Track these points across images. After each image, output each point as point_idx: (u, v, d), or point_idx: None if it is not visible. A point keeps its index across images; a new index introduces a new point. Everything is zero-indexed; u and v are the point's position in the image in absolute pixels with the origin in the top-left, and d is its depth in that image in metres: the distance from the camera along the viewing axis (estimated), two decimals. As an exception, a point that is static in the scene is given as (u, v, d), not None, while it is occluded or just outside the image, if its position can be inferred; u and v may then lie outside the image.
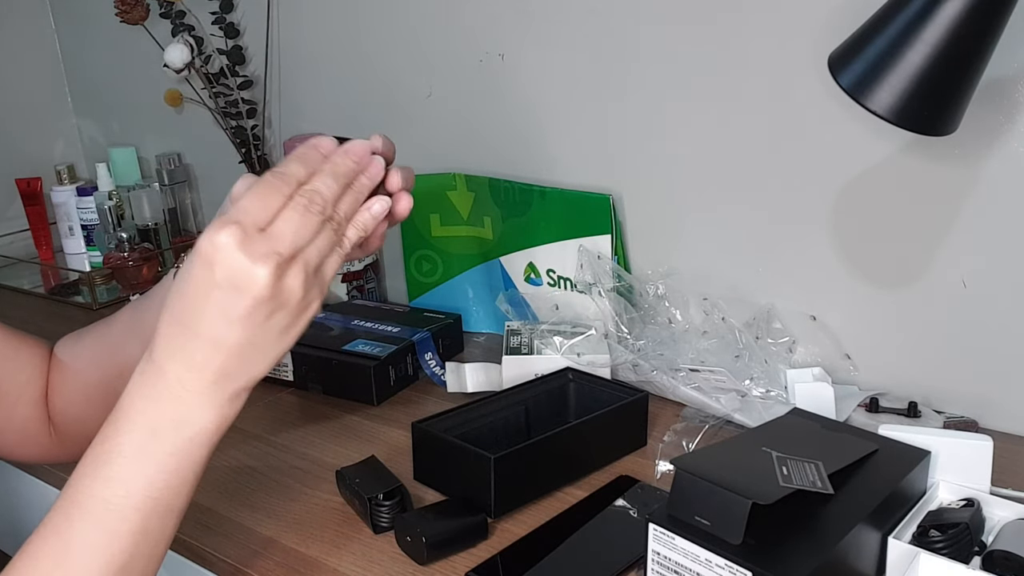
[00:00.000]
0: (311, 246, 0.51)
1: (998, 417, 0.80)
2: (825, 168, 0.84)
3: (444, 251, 1.14)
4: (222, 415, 0.52)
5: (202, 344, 0.50)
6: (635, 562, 0.63)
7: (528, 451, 0.71)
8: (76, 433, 0.70)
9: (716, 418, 0.82)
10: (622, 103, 0.96)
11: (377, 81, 1.18)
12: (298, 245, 0.50)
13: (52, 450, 0.71)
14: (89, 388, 0.69)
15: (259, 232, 0.49)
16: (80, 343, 0.71)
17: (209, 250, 0.48)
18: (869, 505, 0.56)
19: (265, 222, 0.50)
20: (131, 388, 0.52)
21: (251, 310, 0.49)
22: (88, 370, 0.69)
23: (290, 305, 0.50)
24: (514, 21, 1.02)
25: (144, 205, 1.41)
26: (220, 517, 0.75)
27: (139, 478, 0.50)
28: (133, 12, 1.33)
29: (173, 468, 0.51)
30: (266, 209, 0.50)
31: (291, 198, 0.51)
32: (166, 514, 0.52)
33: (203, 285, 0.49)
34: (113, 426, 0.51)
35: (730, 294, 0.92)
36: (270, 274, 0.48)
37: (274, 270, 0.48)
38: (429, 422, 0.77)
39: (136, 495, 0.50)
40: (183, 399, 0.51)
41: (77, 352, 0.71)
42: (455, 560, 0.66)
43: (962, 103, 0.61)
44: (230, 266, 0.48)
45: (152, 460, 0.50)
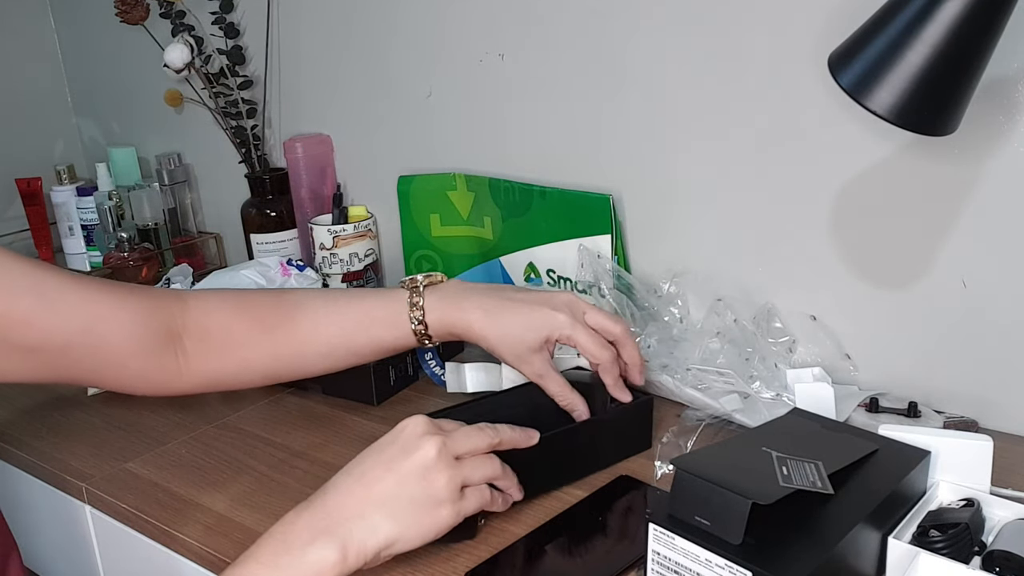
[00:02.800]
0: (475, 466, 0.63)
1: (998, 417, 0.80)
2: (825, 168, 0.84)
3: (444, 251, 1.14)
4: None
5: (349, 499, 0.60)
6: (635, 562, 0.63)
7: (524, 453, 0.71)
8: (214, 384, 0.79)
9: (715, 418, 0.82)
10: (622, 103, 0.96)
11: (377, 81, 1.18)
12: (463, 450, 0.63)
13: (173, 391, 0.77)
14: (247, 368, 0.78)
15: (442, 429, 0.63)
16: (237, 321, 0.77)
17: (403, 422, 0.63)
18: (869, 505, 0.56)
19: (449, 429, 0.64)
20: None
21: (407, 465, 0.60)
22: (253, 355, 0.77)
23: (435, 486, 0.60)
24: (514, 21, 1.02)
25: (144, 205, 1.41)
26: (220, 517, 0.75)
27: None
28: (133, 12, 1.33)
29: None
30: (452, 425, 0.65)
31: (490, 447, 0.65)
32: None
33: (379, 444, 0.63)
34: None
35: (731, 293, 0.92)
36: (434, 448, 0.60)
37: (438, 448, 0.60)
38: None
39: None
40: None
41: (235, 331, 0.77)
42: (455, 560, 0.66)
43: (962, 103, 0.61)
44: (410, 432, 0.62)
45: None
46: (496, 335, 0.75)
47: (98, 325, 0.70)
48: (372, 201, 1.24)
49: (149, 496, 0.79)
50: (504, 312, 0.75)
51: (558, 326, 0.74)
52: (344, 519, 0.57)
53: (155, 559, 0.78)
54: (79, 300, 0.69)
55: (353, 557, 0.56)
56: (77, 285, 0.70)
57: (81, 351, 0.70)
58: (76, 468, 0.85)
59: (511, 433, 0.67)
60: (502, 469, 0.65)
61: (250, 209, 1.30)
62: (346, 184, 1.28)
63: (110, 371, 0.73)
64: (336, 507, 0.58)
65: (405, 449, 0.60)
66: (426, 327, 0.77)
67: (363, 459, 0.61)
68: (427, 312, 0.76)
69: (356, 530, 0.57)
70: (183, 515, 0.76)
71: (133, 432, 0.91)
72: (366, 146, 1.24)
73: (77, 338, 0.69)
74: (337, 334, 0.78)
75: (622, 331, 0.77)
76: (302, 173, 1.25)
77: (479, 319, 0.76)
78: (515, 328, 0.75)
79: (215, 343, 0.76)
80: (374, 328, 0.78)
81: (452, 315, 0.76)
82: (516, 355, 0.76)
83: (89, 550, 0.88)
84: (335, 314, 0.78)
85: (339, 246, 1.17)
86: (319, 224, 1.18)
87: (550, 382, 0.76)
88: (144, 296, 0.74)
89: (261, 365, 0.78)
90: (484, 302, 0.76)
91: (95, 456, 0.87)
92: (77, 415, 0.96)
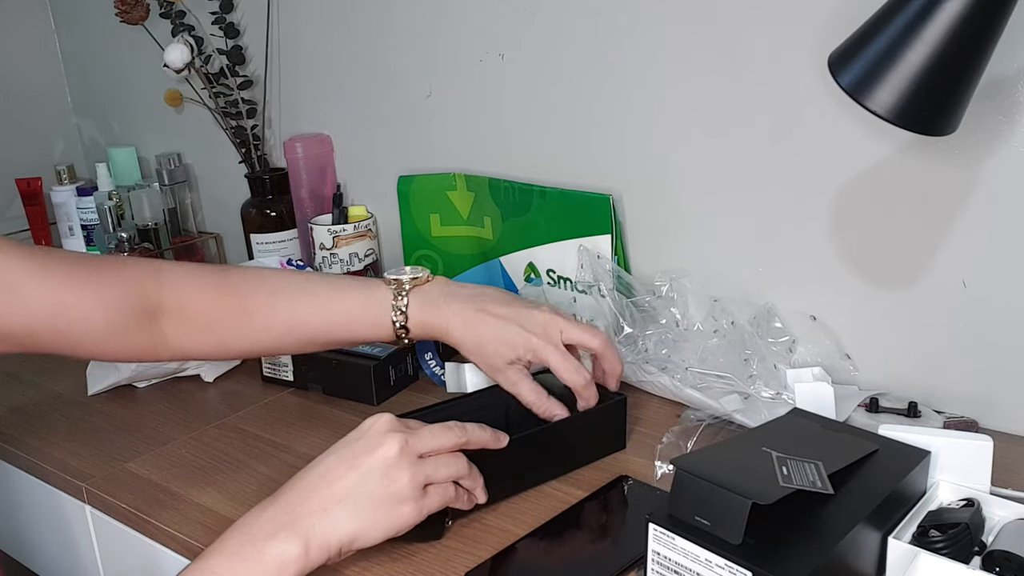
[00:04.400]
0: (439, 464, 0.64)
1: (998, 417, 0.80)
2: (825, 168, 0.84)
3: (444, 251, 1.14)
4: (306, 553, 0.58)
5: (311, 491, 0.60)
6: (635, 562, 0.63)
7: (494, 455, 0.70)
8: (191, 356, 0.79)
9: (715, 418, 0.82)
10: (622, 103, 0.96)
11: (377, 81, 1.18)
12: (427, 448, 0.63)
13: (153, 358, 0.79)
14: (222, 344, 0.79)
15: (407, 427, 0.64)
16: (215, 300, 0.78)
17: (368, 420, 0.64)
18: (869, 505, 0.56)
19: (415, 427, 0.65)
20: None
21: (369, 462, 0.61)
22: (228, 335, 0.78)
23: (397, 483, 0.61)
24: (514, 21, 1.02)
25: (144, 205, 1.41)
26: (221, 517, 0.75)
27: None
28: (133, 12, 1.33)
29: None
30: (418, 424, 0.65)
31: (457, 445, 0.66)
32: None
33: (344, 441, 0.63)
34: None
35: (731, 294, 0.92)
36: (396, 445, 0.61)
37: (400, 446, 0.61)
38: None
39: None
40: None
41: (213, 312, 0.77)
42: (455, 560, 0.66)
43: (962, 103, 0.60)
44: (374, 430, 0.63)
45: None
46: (471, 344, 0.77)
47: (64, 312, 0.70)
48: (372, 201, 1.24)
49: (149, 496, 0.79)
50: (480, 324, 0.77)
51: (531, 347, 0.76)
52: (306, 514, 0.58)
53: (155, 559, 0.78)
54: (42, 289, 0.69)
55: (315, 552, 0.57)
56: (41, 272, 0.69)
57: (49, 336, 0.70)
58: (76, 468, 0.85)
59: (480, 433, 0.68)
60: (468, 468, 0.66)
61: (250, 209, 1.30)
62: (346, 184, 1.28)
63: (83, 350, 0.74)
64: (299, 502, 0.58)
65: (368, 446, 0.61)
66: (407, 329, 0.78)
67: (327, 455, 0.62)
68: (409, 315, 0.78)
69: (318, 525, 0.58)
70: (183, 515, 0.76)
71: (133, 432, 0.91)
72: (366, 146, 1.24)
73: (43, 325, 0.69)
74: (317, 328, 0.79)
75: (601, 344, 0.78)
76: (302, 173, 1.25)
77: (457, 327, 0.77)
78: (489, 341, 0.76)
79: (192, 323, 0.76)
80: (355, 327, 0.79)
81: (432, 319, 0.78)
82: (490, 366, 0.78)
83: (89, 550, 0.88)
84: (316, 308, 0.79)
85: (339, 246, 1.17)
86: (319, 224, 1.18)
87: (524, 392, 0.77)
88: (115, 274, 0.73)
89: (238, 347, 0.80)
90: (463, 311, 0.77)
91: (95, 456, 0.87)
92: (77, 415, 0.96)
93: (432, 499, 0.63)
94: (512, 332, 0.76)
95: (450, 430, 0.66)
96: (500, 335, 0.76)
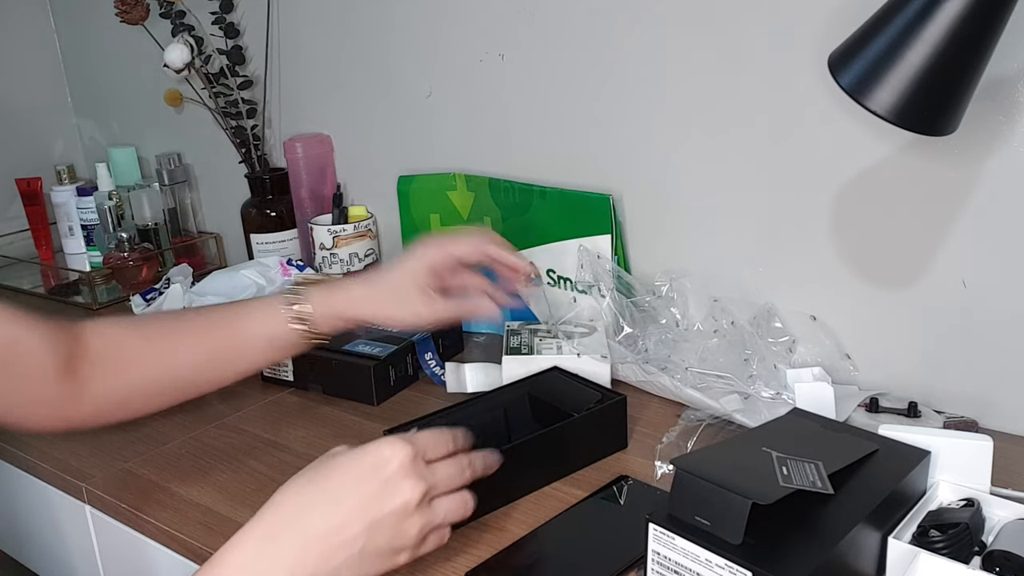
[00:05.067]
0: (450, 512, 0.59)
1: (998, 417, 0.80)
2: (825, 168, 0.84)
3: (444, 251, 1.14)
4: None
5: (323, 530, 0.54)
6: (635, 562, 0.63)
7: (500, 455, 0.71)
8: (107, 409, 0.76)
9: (715, 418, 0.82)
10: (622, 103, 0.96)
11: (377, 81, 1.18)
12: (443, 490, 0.59)
13: (71, 422, 0.75)
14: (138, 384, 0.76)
15: (425, 463, 0.58)
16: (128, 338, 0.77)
17: (387, 452, 0.57)
18: (869, 505, 0.56)
19: (433, 457, 0.60)
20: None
21: (386, 515, 0.55)
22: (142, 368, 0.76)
23: (405, 536, 0.56)
24: (514, 21, 1.02)
25: (144, 205, 1.41)
26: (220, 517, 0.75)
27: None
28: (133, 12, 1.33)
29: None
30: (437, 449, 0.60)
31: (454, 454, 0.61)
32: None
33: (359, 475, 0.56)
34: None
35: (731, 294, 0.92)
36: (418, 495, 0.56)
37: (421, 496, 0.56)
38: (400, 430, 0.76)
39: None
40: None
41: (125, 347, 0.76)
42: (455, 560, 0.66)
43: (962, 103, 0.61)
44: (394, 472, 0.56)
45: None
46: (381, 299, 0.79)
47: (23, 340, 0.70)
48: (372, 201, 1.24)
49: (149, 496, 0.79)
50: (381, 279, 0.80)
51: (432, 251, 0.80)
52: (311, 563, 0.53)
53: (155, 559, 0.78)
54: (6, 316, 0.69)
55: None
56: (3, 303, 0.70)
57: (4, 363, 0.68)
58: (76, 468, 0.85)
59: (486, 459, 0.65)
60: (470, 511, 0.61)
61: (250, 209, 1.30)
62: (346, 184, 1.28)
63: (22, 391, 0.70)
64: (303, 549, 0.54)
65: (385, 494, 0.56)
66: (312, 327, 0.78)
67: (338, 493, 0.56)
68: (314, 307, 0.78)
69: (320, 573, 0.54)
70: (183, 515, 0.76)
71: (133, 432, 0.91)
72: (366, 146, 1.24)
73: (4, 349, 0.68)
74: (216, 337, 0.78)
75: (496, 239, 0.83)
76: (302, 173, 1.25)
77: (362, 293, 0.79)
78: (395, 283, 0.79)
79: (106, 363, 0.74)
80: (251, 323, 0.78)
81: (337, 299, 0.79)
82: (405, 305, 0.79)
83: (89, 550, 0.88)
84: (212, 316, 0.79)
85: (339, 246, 1.17)
86: (319, 224, 1.18)
87: (443, 308, 0.79)
88: (52, 323, 0.73)
89: (146, 379, 0.76)
90: (363, 281, 0.81)
91: (95, 456, 0.87)
92: (77, 415, 0.96)
93: (429, 544, 0.59)
94: (411, 258, 0.80)
95: (463, 470, 0.61)
96: (402, 267, 0.80)
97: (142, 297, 1.13)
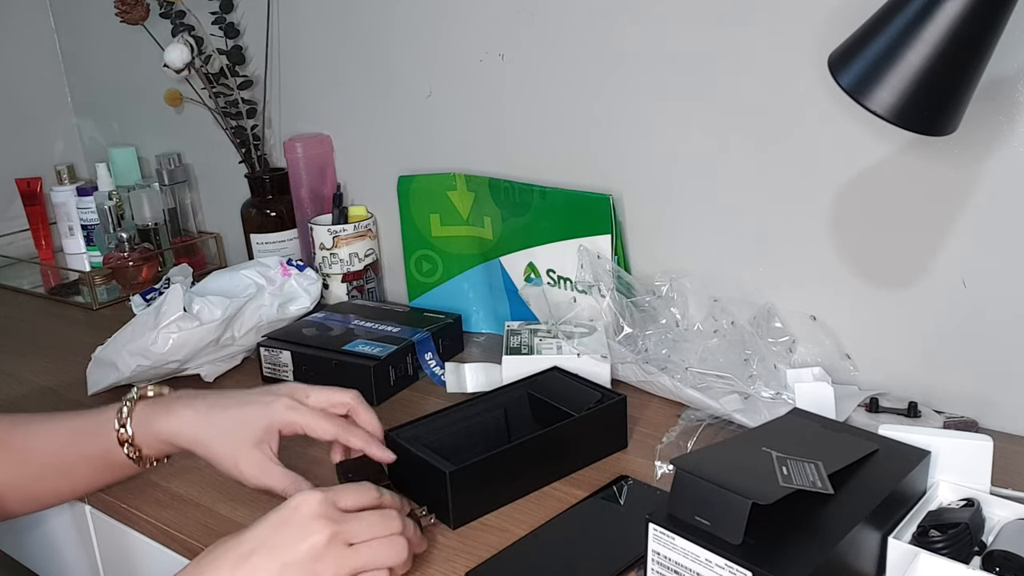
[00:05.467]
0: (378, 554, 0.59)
1: (998, 417, 0.80)
2: (825, 168, 0.84)
3: (444, 251, 1.14)
4: None
5: None
6: (635, 562, 0.63)
7: (489, 462, 0.71)
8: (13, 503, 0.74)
9: (716, 418, 0.82)
10: (622, 103, 0.96)
11: (377, 81, 1.18)
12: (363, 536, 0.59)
13: None
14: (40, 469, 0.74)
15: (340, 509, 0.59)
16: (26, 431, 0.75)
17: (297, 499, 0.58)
18: (869, 505, 0.56)
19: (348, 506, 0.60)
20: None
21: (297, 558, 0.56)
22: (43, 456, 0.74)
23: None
24: (514, 21, 1.02)
25: (144, 205, 1.41)
26: (220, 517, 0.75)
27: None
28: (133, 12, 1.33)
29: None
30: (354, 500, 0.61)
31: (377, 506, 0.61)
32: None
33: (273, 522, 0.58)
34: None
35: (731, 294, 0.92)
36: (325, 537, 0.57)
37: (328, 538, 0.57)
38: (403, 429, 0.77)
39: None
40: None
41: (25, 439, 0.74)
42: (455, 560, 0.66)
43: (962, 103, 0.61)
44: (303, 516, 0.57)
45: None
46: (209, 434, 0.71)
47: None
48: (372, 201, 1.24)
49: (149, 496, 0.79)
50: (216, 410, 0.71)
51: (277, 413, 0.71)
52: None
53: (155, 559, 0.78)
54: None
55: None
56: None
57: None
58: (76, 468, 0.85)
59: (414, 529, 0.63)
60: (408, 556, 0.60)
61: (250, 209, 1.30)
62: (346, 184, 1.28)
63: None
64: None
65: (294, 537, 0.56)
66: (134, 439, 0.72)
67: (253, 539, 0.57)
68: (134, 424, 0.72)
69: None
70: (183, 515, 0.76)
71: (133, 432, 0.90)
72: (366, 146, 1.24)
73: None
74: (48, 451, 0.74)
75: (353, 397, 0.74)
76: (302, 173, 1.25)
77: (189, 419, 0.71)
78: (229, 423, 0.71)
79: None
80: (83, 440, 0.73)
81: (160, 420, 0.72)
82: (233, 453, 0.70)
83: (89, 550, 0.88)
84: (48, 429, 0.75)
85: (339, 246, 1.17)
86: (319, 224, 1.18)
87: (273, 478, 0.70)
88: None
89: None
90: (195, 403, 0.72)
91: (95, 456, 0.87)
92: (77, 415, 0.96)
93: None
94: (254, 408, 0.71)
95: (389, 520, 0.60)
96: (240, 414, 0.71)
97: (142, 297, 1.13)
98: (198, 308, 0.98)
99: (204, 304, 0.98)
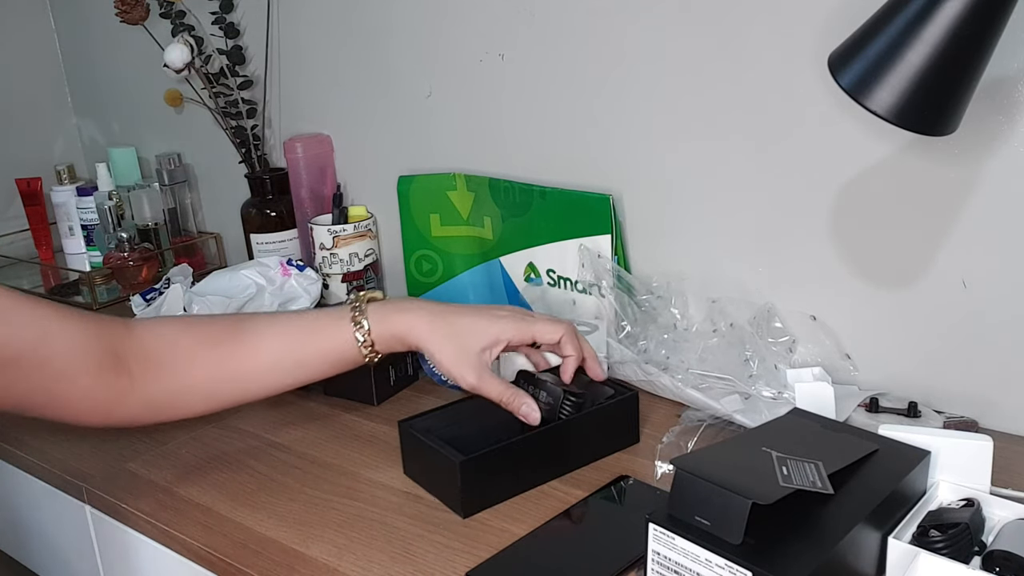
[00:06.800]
0: None
1: (998, 417, 0.80)
2: (825, 168, 0.84)
3: (444, 251, 1.14)
4: None
5: None
6: (635, 562, 0.63)
7: (501, 452, 0.71)
8: (157, 409, 0.76)
9: (716, 418, 0.82)
10: (622, 103, 0.96)
11: (377, 81, 1.18)
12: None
13: (115, 419, 0.75)
14: (192, 387, 0.76)
15: None
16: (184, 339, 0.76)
17: None
18: (869, 505, 0.56)
19: None
20: None
21: None
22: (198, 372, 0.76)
23: None
24: (514, 21, 1.02)
25: (144, 205, 1.41)
26: (220, 517, 0.75)
27: None
28: (133, 12, 1.33)
29: None
30: None
31: None
32: None
33: None
34: None
35: (730, 294, 0.92)
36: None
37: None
38: (415, 420, 0.78)
39: None
40: None
41: (181, 348, 0.76)
42: (455, 560, 0.66)
43: (962, 103, 0.61)
44: None
45: None
46: (441, 333, 0.76)
47: (50, 339, 0.69)
48: (372, 201, 1.24)
49: (149, 496, 0.79)
50: (450, 314, 0.77)
51: (509, 325, 0.76)
52: None
53: (155, 559, 0.78)
54: (32, 315, 0.69)
55: None
56: (30, 302, 0.70)
57: (32, 365, 0.68)
58: (76, 468, 0.85)
59: None
60: None
61: (250, 209, 1.30)
62: (346, 184, 1.28)
63: (59, 387, 0.71)
64: None
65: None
66: (370, 334, 0.77)
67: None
68: (371, 320, 0.77)
69: None
70: (183, 515, 0.76)
71: (133, 432, 0.90)
72: (366, 146, 1.24)
73: (29, 351, 0.68)
74: (281, 346, 0.77)
75: (568, 328, 0.79)
76: (302, 173, 1.25)
77: (425, 318, 0.76)
78: (461, 328, 0.76)
79: (160, 361, 0.74)
80: (319, 337, 0.77)
81: (396, 319, 0.77)
82: (457, 356, 0.75)
83: (89, 550, 0.88)
84: (279, 325, 0.78)
85: (339, 246, 1.17)
86: (319, 224, 1.18)
87: (491, 386, 0.75)
88: (91, 318, 0.73)
89: (205, 381, 0.76)
90: (428, 306, 0.78)
91: (95, 456, 0.87)
92: (77, 415, 0.96)
93: None
94: (486, 320, 0.76)
95: None
96: (473, 324, 0.76)
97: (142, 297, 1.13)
98: (198, 308, 0.98)
99: (204, 304, 0.98)
